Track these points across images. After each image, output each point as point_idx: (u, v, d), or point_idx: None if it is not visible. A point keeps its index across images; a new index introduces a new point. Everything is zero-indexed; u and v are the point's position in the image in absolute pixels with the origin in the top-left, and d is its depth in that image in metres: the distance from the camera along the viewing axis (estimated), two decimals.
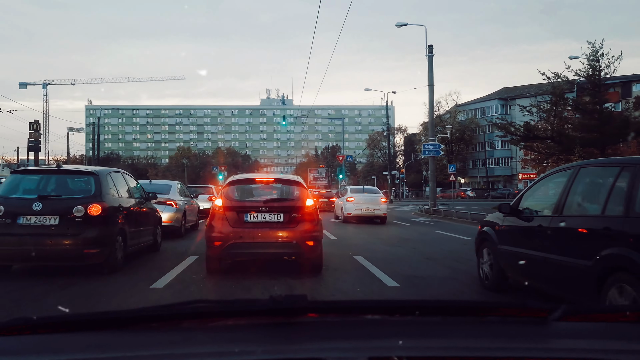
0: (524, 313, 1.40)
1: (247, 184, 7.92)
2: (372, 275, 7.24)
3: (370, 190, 20.06)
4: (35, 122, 49.86)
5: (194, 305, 1.39)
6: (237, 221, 6.80)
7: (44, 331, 1.30)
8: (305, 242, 6.80)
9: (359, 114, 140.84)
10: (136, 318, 1.39)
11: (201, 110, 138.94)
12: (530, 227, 5.24)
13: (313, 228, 6.92)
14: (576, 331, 1.32)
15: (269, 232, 6.79)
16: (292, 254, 7.09)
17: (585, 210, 4.78)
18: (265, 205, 6.93)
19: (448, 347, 1.20)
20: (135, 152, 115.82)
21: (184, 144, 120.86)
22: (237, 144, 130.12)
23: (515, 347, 1.20)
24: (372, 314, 1.41)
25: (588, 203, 4.81)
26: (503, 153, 64.07)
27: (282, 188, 7.93)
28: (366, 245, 11.16)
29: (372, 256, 9.08)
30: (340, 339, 1.24)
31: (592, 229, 4.31)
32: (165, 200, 11.76)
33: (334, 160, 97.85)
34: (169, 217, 11.51)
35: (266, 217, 6.84)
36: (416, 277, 7.30)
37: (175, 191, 13.05)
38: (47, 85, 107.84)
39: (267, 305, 1.31)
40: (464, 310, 1.50)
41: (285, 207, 7.05)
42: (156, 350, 1.19)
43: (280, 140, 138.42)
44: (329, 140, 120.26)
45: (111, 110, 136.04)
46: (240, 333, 1.30)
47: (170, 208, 11.92)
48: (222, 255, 6.92)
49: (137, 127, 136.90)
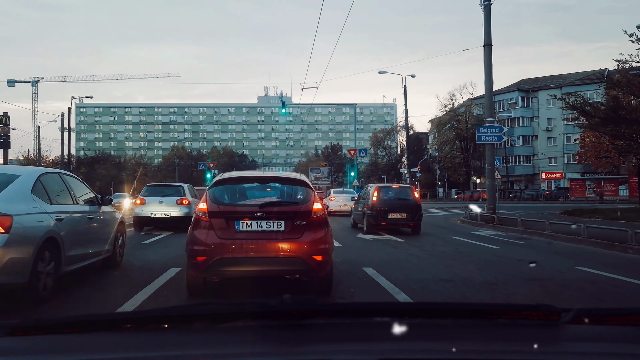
0: (535, 316, 1.37)
1: (239, 183, 6.41)
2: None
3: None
4: (4, 116, 44.27)
5: (204, 307, 1.46)
6: (225, 231, 5.49)
7: (55, 332, 1.32)
8: (312, 257, 5.44)
9: (360, 112, 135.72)
10: (146, 319, 1.40)
11: (196, 108, 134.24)
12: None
13: (322, 239, 5.57)
14: (587, 334, 1.32)
15: (267, 245, 5.49)
16: (296, 272, 5.71)
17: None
18: (262, 210, 5.56)
19: (458, 350, 1.19)
20: (128, 152, 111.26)
21: (178, 143, 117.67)
22: (233, 143, 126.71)
23: (526, 350, 1.20)
24: (381, 316, 1.41)
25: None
26: (524, 150, 58.55)
27: (283, 189, 6.38)
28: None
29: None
30: (350, 341, 1.24)
31: None
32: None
33: (335, 159, 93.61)
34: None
35: (263, 226, 5.52)
36: None
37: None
38: (36, 83, 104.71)
39: (277, 307, 1.31)
40: (474, 312, 1.47)
41: (287, 212, 5.64)
42: (166, 351, 1.20)
43: (279, 139, 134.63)
44: (329, 140, 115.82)
45: (102, 109, 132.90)
46: (250, 334, 1.30)
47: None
48: (207, 274, 5.62)
49: (130, 126, 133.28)
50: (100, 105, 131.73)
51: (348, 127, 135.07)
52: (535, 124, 58.20)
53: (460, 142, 59.67)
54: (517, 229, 14.35)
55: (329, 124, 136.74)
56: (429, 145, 69.78)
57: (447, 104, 60.22)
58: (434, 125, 62.31)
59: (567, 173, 55.30)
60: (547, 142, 57.15)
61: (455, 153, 60.11)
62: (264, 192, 6.29)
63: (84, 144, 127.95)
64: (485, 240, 12.40)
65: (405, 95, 31.97)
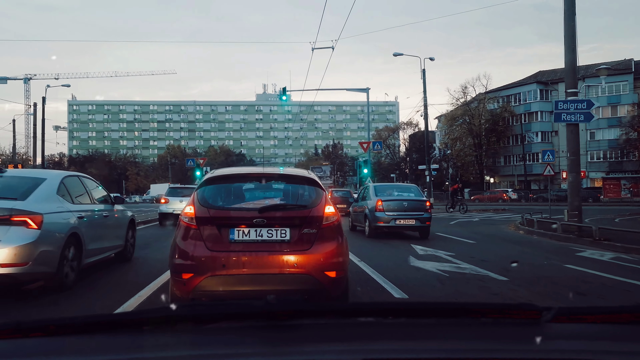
0: (517, 315, 1.38)
1: (234, 182, 5.19)
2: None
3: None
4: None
5: (188, 308, 1.42)
6: (217, 241, 4.53)
7: (35, 335, 1.29)
8: (324, 274, 4.51)
9: (361, 110, 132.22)
10: (129, 321, 1.39)
11: (192, 106, 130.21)
12: None
13: (336, 251, 4.62)
14: (569, 332, 1.33)
15: (268, 259, 4.51)
16: (305, 291, 4.56)
17: None
18: (263, 215, 4.56)
19: (442, 349, 1.21)
20: (122, 151, 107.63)
21: (174, 142, 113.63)
22: (231, 142, 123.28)
23: (508, 349, 1.22)
24: (366, 316, 1.40)
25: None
26: (543, 147, 54.50)
27: (288, 189, 5.21)
28: None
29: None
30: (335, 341, 1.24)
31: None
32: (9, 216, 11.22)
33: (337, 158, 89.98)
34: (13, 255, 10.61)
35: (264, 235, 4.56)
36: None
37: (48, 192, 13.06)
38: (28, 80, 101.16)
39: (262, 308, 1.33)
40: (457, 312, 1.47)
41: (294, 218, 4.67)
42: (149, 352, 1.20)
43: (278, 138, 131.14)
44: (329, 139, 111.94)
45: (96, 106, 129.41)
46: (235, 335, 1.29)
47: (21, 233, 11.46)
48: (195, 294, 4.51)
49: (124, 124, 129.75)
50: (93, 103, 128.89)
51: (349, 125, 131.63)
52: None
53: (472, 139, 55.64)
54: (625, 248, 9.87)
55: (329, 122, 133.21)
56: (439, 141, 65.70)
57: (459, 97, 55.98)
58: (445, 120, 58.17)
59: (591, 172, 51.17)
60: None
61: (467, 150, 56.04)
62: (264, 193, 5.22)
63: (77, 143, 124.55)
64: (629, 275, 7.75)
65: (424, 80, 27.87)
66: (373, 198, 13.14)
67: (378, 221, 12.66)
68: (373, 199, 13.11)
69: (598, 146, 47.67)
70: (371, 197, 13.32)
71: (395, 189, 14.63)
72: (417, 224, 12.73)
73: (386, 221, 12.62)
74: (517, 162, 54.10)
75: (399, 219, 12.64)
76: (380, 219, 12.64)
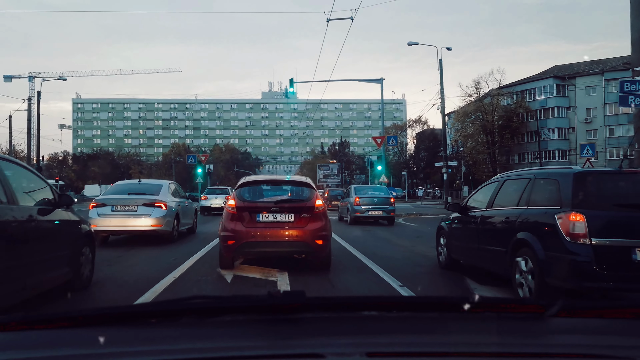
0: (521, 309, 1.41)
1: (259, 185, 8.19)
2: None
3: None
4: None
5: (192, 302, 1.44)
6: (249, 221, 7.37)
7: (42, 327, 1.31)
8: (314, 241, 7.29)
9: (368, 107, 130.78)
10: (134, 314, 1.41)
11: (197, 104, 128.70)
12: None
13: (322, 227, 7.40)
14: (572, 327, 1.34)
15: (280, 232, 7.34)
16: (302, 252, 7.58)
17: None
18: (277, 205, 7.47)
19: (445, 343, 1.22)
20: (127, 149, 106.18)
21: (179, 140, 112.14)
22: (236, 141, 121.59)
23: (512, 343, 1.23)
24: (369, 310, 1.42)
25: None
26: (559, 144, 52.42)
27: (292, 189, 8.22)
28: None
29: None
30: (339, 334, 1.26)
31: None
32: (154, 202, 11.42)
33: (344, 156, 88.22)
34: (157, 221, 11.22)
35: (277, 217, 7.39)
36: None
37: (167, 191, 12.40)
38: (33, 79, 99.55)
39: (265, 302, 1.32)
40: (461, 306, 1.46)
41: (296, 207, 7.49)
42: (154, 345, 1.21)
43: (284, 136, 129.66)
44: (335, 137, 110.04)
45: (100, 105, 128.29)
46: (238, 329, 1.31)
47: (160, 210, 11.41)
48: (235, 253, 7.57)
49: (129, 122, 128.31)
50: (98, 101, 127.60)
51: (355, 123, 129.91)
52: (572, 114, 51.98)
53: (485, 136, 53.73)
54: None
55: (336, 120, 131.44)
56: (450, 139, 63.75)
57: (471, 92, 53.98)
58: (457, 117, 56.22)
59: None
60: (585, 135, 50.78)
61: (480, 148, 54.13)
62: (277, 192, 8.24)
63: (81, 141, 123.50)
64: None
65: (441, 70, 26.06)
66: (353, 196, 18.19)
67: (356, 212, 17.74)
68: (353, 196, 18.14)
69: (617, 143, 45.66)
70: (352, 195, 18.33)
71: (369, 189, 19.51)
72: (384, 214, 17.92)
73: (362, 212, 17.68)
74: (532, 160, 52.12)
75: (371, 210, 17.72)
76: (357, 210, 17.73)
